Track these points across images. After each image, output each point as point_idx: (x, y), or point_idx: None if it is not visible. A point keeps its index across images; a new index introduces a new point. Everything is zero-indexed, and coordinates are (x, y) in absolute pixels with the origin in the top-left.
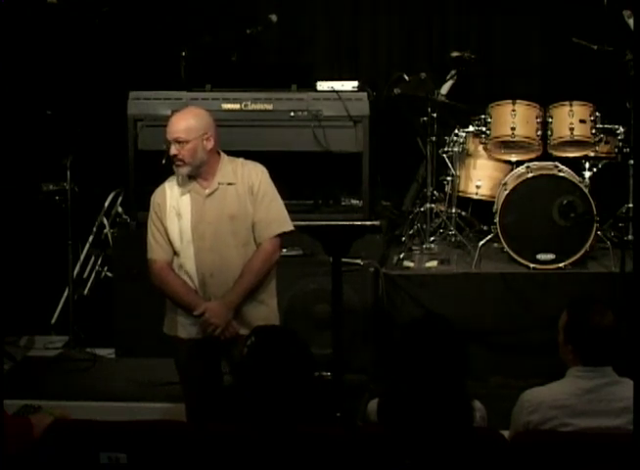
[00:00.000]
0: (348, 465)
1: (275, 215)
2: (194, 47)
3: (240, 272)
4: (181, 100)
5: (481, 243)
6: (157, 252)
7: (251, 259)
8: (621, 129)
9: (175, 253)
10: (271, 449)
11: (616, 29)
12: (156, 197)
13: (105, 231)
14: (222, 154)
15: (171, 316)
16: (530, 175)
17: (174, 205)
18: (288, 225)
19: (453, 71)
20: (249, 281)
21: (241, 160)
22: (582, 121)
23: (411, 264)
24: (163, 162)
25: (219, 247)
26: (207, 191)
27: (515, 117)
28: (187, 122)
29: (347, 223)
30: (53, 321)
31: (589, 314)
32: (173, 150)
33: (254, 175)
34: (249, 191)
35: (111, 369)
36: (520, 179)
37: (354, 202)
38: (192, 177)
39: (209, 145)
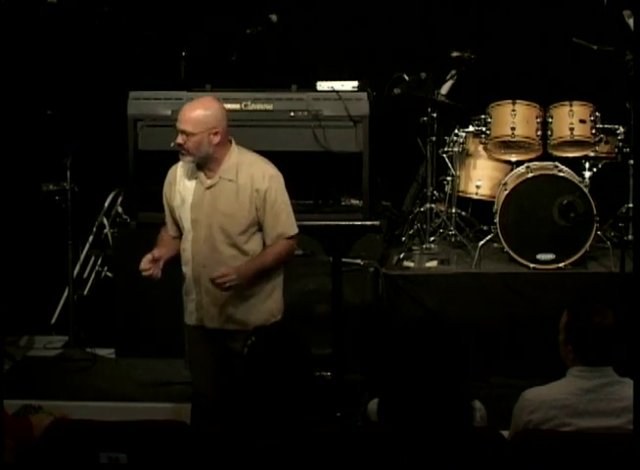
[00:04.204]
0: (348, 465)
1: (282, 222)
2: (194, 47)
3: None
4: (181, 100)
5: (481, 243)
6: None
7: (265, 250)
8: (621, 129)
9: (181, 236)
10: (271, 449)
11: (616, 29)
12: (169, 175)
13: (105, 231)
14: (234, 146)
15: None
16: (530, 175)
17: (180, 189)
18: (293, 229)
19: (453, 71)
20: (263, 257)
21: (251, 157)
22: (582, 121)
23: (411, 264)
24: (172, 145)
25: (212, 240)
26: (209, 182)
27: (515, 117)
28: (196, 115)
29: (347, 223)
30: (53, 321)
31: (590, 314)
32: (179, 139)
33: (259, 179)
34: (250, 194)
35: (111, 369)
36: (520, 179)
37: (354, 202)
38: (200, 166)
39: (216, 140)
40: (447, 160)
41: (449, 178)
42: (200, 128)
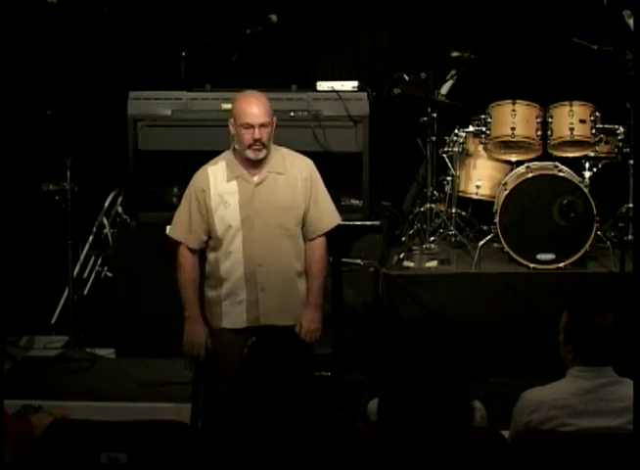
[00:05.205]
0: (348, 465)
1: (326, 212)
2: (194, 47)
3: (311, 274)
4: (181, 100)
5: (481, 243)
6: (187, 236)
7: (317, 260)
8: (621, 129)
9: (218, 240)
10: (271, 449)
11: (616, 29)
12: (198, 181)
13: (105, 231)
14: None
15: (214, 310)
16: (530, 175)
17: (220, 192)
18: (338, 219)
19: (453, 71)
20: (321, 282)
21: (286, 149)
22: (582, 121)
23: (411, 264)
24: (242, 148)
25: (268, 236)
26: (257, 179)
27: (515, 117)
28: (266, 106)
29: (347, 223)
30: (53, 321)
31: (590, 314)
32: (257, 134)
33: (305, 168)
34: (300, 184)
35: (111, 369)
36: (520, 179)
37: (354, 202)
38: (239, 164)
39: (274, 127)
40: (447, 160)
41: (449, 178)
42: (271, 117)
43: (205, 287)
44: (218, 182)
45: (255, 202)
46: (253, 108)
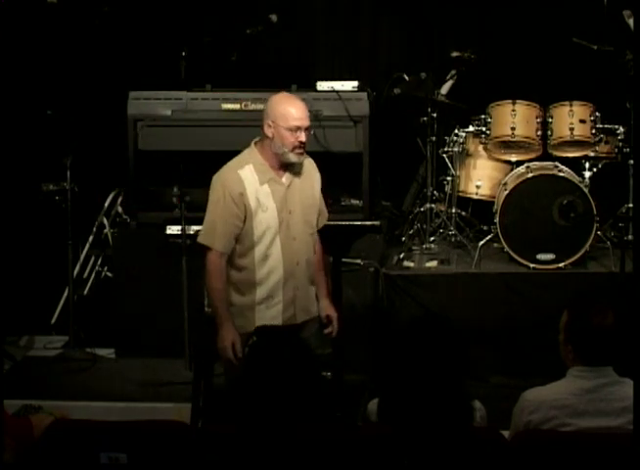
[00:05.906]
0: (348, 465)
1: (323, 206)
2: (194, 47)
3: (316, 268)
4: (181, 100)
5: (481, 243)
6: (220, 242)
7: (320, 253)
8: (621, 129)
9: (250, 245)
10: (271, 449)
11: (616, 29)
12: (233, 184)
13: (105, 231)
14: None
15: (246, 315)
16: (530, 175)
17: (256, 195)
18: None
19: (453, 71)
20: (327, 276)
21: None
22: (582, 121)
23: (411, 264)
24: (288, 154)
25: (302, 235)
26: (286, 181)
27: (515, 117)
28: (306, 108)
29: (347, 223)
30: (53, 321)
31: (590, 314)
32: (303, 137)
33: (313, 167)
34: (315, 182)
35: (111, 369)
36: (520, 179)
37: (354, 202)
38: (269, 166)
39: None
40: (447, 160)
41: (449, 178)
42: None
43: (231, 294)
44: (252, 186)
45: (289, 203)
46: (301, 111)
